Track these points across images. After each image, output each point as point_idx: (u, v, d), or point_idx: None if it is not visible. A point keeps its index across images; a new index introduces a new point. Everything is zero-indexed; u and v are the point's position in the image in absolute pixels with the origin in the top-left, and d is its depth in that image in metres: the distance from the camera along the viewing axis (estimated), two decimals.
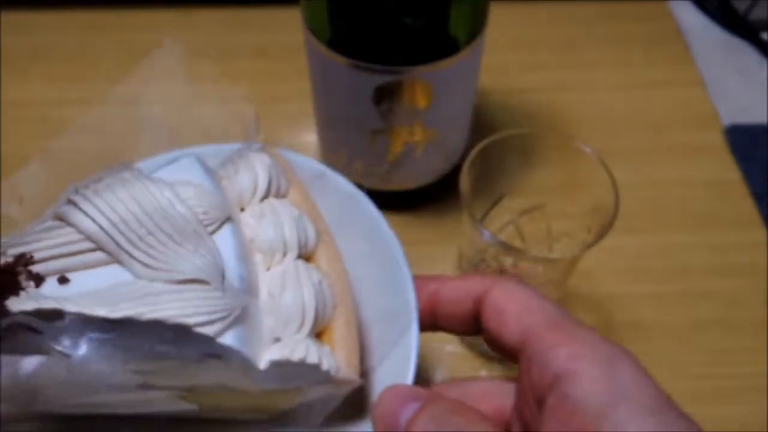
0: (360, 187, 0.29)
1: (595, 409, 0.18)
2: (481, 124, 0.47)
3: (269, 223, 0.24)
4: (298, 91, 0.43)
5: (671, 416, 0.18)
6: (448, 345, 0.37)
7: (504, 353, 0.23)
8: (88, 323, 0.19)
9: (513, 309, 0.22)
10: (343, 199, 0.28)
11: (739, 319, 0.39)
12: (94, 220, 0.21)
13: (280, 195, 0.26)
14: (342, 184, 0.29)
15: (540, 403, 0.20)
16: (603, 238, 0.29)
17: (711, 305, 0.39)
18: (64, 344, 0.19)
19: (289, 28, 0.46)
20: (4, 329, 0.19)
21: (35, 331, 0.19)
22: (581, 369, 0.19)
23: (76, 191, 0.21)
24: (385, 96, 0.34)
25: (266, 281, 0.23)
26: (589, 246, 0.29)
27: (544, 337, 0.20)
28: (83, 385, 0.21)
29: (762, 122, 0.48)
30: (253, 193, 0.25)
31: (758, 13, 0.55)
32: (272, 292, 0.23)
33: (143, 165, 0.25)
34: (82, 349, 0.19)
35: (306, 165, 0.29)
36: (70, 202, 0.21)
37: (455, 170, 0.41)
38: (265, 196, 0.25)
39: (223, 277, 0.22)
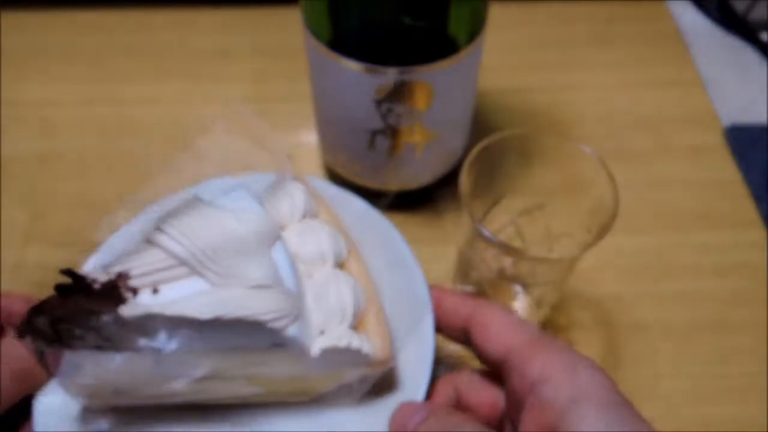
0: (383, 192, 0.35)
1: (560, 406, 0.22)
2: (481, 124, 0.47)
3: (310, 239, 0.29)
4: (298, 91, 0.43)
5: (623, 412, 0.22)
6: (451, 345, 0.37)
7: (489, 365, 0.27)
8: (182, 324, 0.24)
9: (496, 328, 0.26)
10: (358, 213, 0.34)
11: (739, 319, 0.39)
12: (178, 242, 0.25)
13: (312, 215, 0.31)
14: (355, 201, 0.35)
15: (521, 407, 0.24)
16: (603, 238, 0.29)
17: (711, 305, 0.39)
18: (160, 342, 0.25)
19: (289, 28, 0.46)
20: (116, 332, 0.24)
21: (138, 332, 0.24)
22: (551, 375, 0.23)
23: (162, 219, 0.26)
24: (385, 96, 0.34)
25: (310, 286, 0.28)
26: (589, 246, 0.29)
27: (522, 352, 0.24)
28: (166, 378, 0.26)
29: (762, 122, 0.48)
30: (292, 215, 0.30)
31: (757, 14, 0.55)
32: (317, 295, 0.28)
33: (201, 188, 0.30)
34: (174, 345, 0.25)
35: (326, 188, 0.35)
36: (158, 228, 0.26)
37: (455, 170, 0.41)
38: (303, 217, 0.31)
39: (282, 283, 0.26)
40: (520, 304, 0.36)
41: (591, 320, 0.39)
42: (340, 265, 0.30)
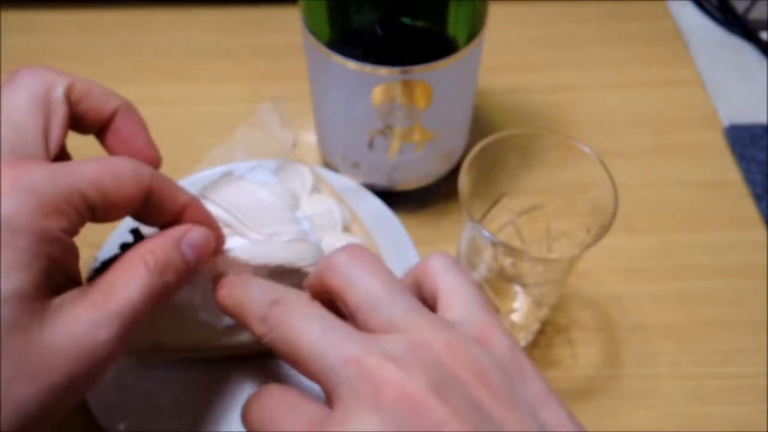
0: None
1: None
2: (481, 124, 0.47)
3: (320, 209, 0.35)
4: (298, 91, 0.43)
5: None
6: None
7: None
8: (232, 271, 0.28)
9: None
10: (346, 191, 0.39)
11: (739, 319, 0.39)
12: (221, 207, 0.29)
13: (318, 190, 0.37)
14: (343, 180, 0.40)
15: None
16: (602, 238, 0.29)
17: (711, 305, 0.39)
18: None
19: (289, 28, 0.46)
20: None
21: (193, 282, 0.27)
22: None
23: (205, 188, 0.31)
24: (385, 96, 0.34)
25: (326, 245, 0.32)
26: (588, 246, 0.29)
27: None
28: (207, 325, 0.30)
29: (762, 122, 0.48)
30: (303, 190, 0.36)
31: (757, 13, 0.55)
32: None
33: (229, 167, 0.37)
34: None
35: (315, 169, 0.39)
36: (203, 196, 0.30)
37: (455, 170, 0.41)
38: (311, 192, 0.36)
39: (309, 238, 0.31)
40: (520, 304, 0.36)
41: (591, 320, 0.39)
42: (346, 229, 0.35)
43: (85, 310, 0.21)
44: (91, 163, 0.22)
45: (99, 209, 0.22)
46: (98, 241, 0.36)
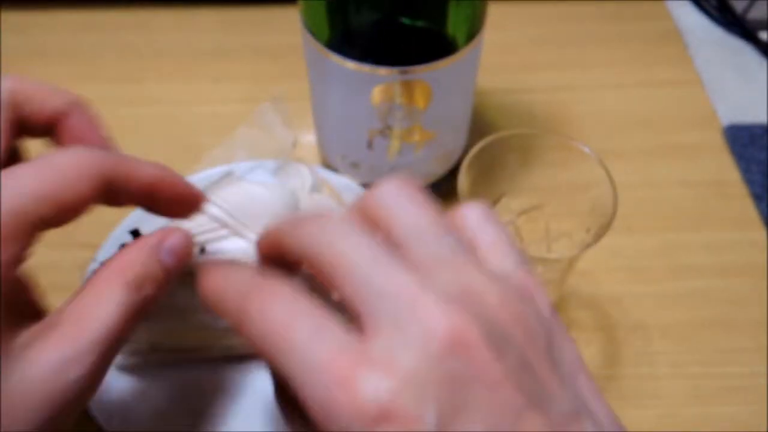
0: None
1: None
2: (481, 124, 0.47)
3: (320, 209, 0.34)
4: (298, 91, 0.43)
5: None
6: None
7: None
8: None
9: None
10: (346, 191, 0.39)
11: (739, 319, 0.39)
12: (220, 208, 0.29)
13: (318, 191, 0.37)
14: (343, 180, 0.40)
15: None
16: (602, 238, 0.29)
17: (711, 305, 0.39)
18: None
19: (289, 28, 0.46)
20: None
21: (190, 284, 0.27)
22: None
23: (205, 188, 0.30)
24: (384, 96, 0.34)
25: None
26: (587, 246, 0.29)
27: None
28: (205, 327, 0.30)
29: (761, 122, 0.48)
30: (303, 190, 0.36)
31: (757, 13, 0.55)
32: None
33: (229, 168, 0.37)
34: None
35: (315, 169, 0.39)
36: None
37: (455, 170, 0.41)
38: (311, 192, 0.36)
39: None
40: None
41: (591, 320, 0.39)
42: None
43: (54, 345, 0.19)
44: (29, 171, 0.20)
45: (51, 218, 0.20)
46: (97, 241, 0.36)
